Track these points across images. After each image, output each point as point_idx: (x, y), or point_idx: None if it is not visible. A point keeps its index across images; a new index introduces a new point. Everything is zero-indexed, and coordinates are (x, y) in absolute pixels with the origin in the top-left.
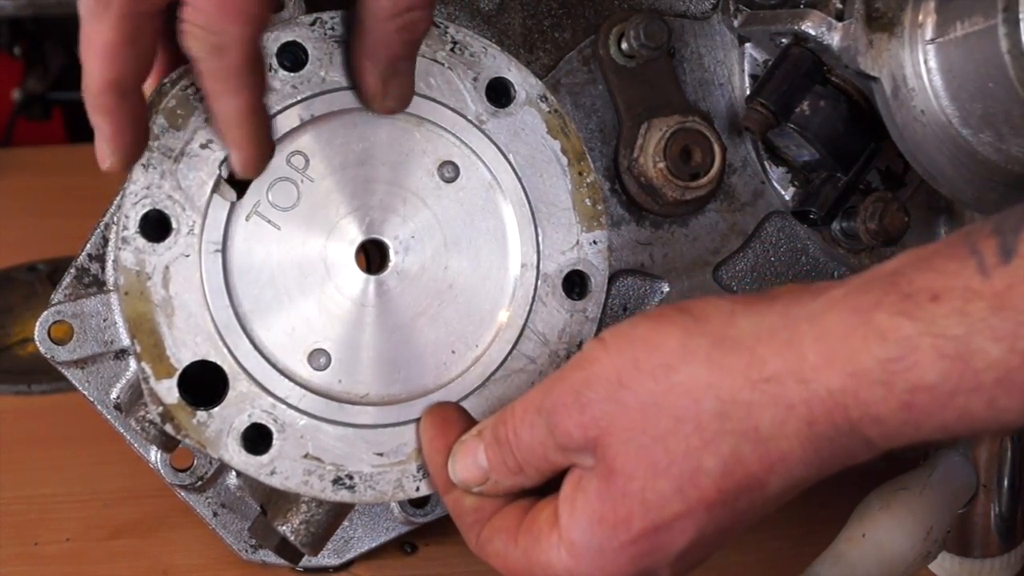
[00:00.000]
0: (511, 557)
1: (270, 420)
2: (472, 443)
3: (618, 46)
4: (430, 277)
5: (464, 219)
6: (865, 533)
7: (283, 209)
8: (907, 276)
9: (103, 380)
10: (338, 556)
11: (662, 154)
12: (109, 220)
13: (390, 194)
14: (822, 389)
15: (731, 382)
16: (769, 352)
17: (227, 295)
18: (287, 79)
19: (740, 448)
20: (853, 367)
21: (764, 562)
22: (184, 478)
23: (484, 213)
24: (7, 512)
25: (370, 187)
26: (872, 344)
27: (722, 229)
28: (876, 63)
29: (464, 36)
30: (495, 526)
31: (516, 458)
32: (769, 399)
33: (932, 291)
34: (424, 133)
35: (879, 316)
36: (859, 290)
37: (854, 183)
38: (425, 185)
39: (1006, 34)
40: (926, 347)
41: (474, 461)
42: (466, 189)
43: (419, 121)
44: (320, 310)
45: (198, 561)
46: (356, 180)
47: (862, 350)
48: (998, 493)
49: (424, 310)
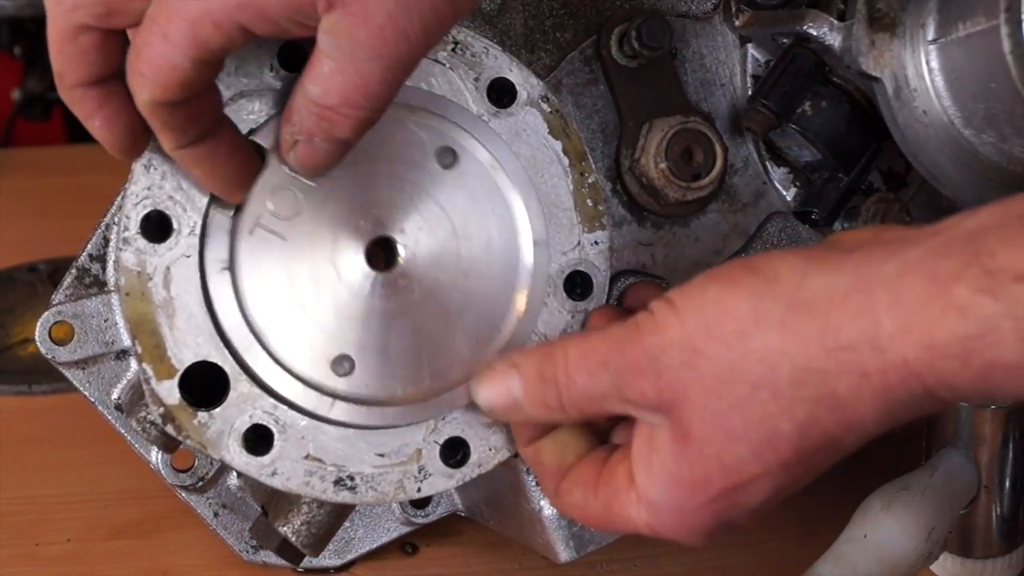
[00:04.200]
0: (591, 508)
1: (271, 421)
2: (506, 373)
3: (620, 46)
4: (442, 267)
5: (469, 204)
6: (867, 533)
7: (286, 219)
8: (989, 247)
9: (104, 381)
10: (339, 557)
11: (664, 154)
12: (110, 220)
13: (391, 188)
14: (898, 358)
15: (806, 349)
16: (844, 318)
17: (240, 313)
18: (288, 79)
19: (816, 413)
20: (931, 340)
21: (765, 562)
22: (185, 479)
23: (489, 195)
24: (7, 512)
25: (370, 184)
26: (951, 319)
27: (723, 230)
28: (878, 63)
29: (465, 36)
30: (574, 479)
31: (562, 399)
32: (844, 367)
33: (1016, 270)
34: (418, 122)
35: (959, 290)
36: (937, 254)
37: (856, 184)
38: (425, 174)
39: (1008, 34)
40: (1007, 329)
41: (506, 390)
42: (467, 174)
43: (411, 110)
44: (337, 315)
45: (199, 562)
46: (355, 179)
47: (940, 324)
48: (999, 494)
49: (441, 301)
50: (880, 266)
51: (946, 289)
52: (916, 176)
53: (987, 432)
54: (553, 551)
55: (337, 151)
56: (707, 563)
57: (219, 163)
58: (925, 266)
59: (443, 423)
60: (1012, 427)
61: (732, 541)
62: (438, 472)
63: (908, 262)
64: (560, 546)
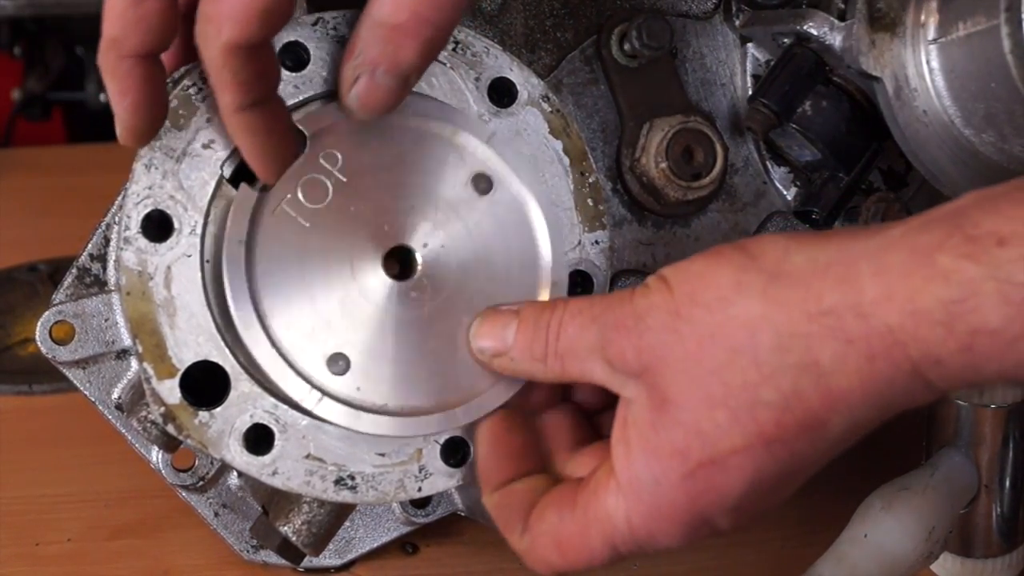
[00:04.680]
0: (565, 525)
1: (272, 420)
2: (505, 316)
3: (620, 46)
4: (457, 289)
5: (496, 233)
6: (867, 533)
7: (313, 206)
8: (972, 218)
9: (104, 380)
10: (339, 556)
11: (664, 154)
12: (110, 220)
13: (422, 201)
14: (881, 325)
15: (788, 315)
16: (826, 286)
17: (248, 289)
18: (289, 79)
19: (800, 383)
20: (913, 306)
21: (765, 562)
22: (185, 478)
23: (517, 230)
24: (8, 512)
25: (402, 193)
26: (934, 284)
27: (724, 229)
28: (878, 63)
29: (466, 36)
30: (548, 501)
31: (547, 347)
32: (828, 332)
33: (999, 235)
34: (459, 143)
35: (942, 258)
36: (920, 229)
37: (856, 183)
38: (458, 196)
39: (1009, 34)
40: (990, 291)
41: (501, 332)
42: (499, 203)
43: (455, 131)
44: (343, 313)
45: (199, 561)
46: (388, 184)
47: (923, 290)
48: (1000, 493)
49: (449, 321)
50: (864, 242)
51: (929, 257)
52: (916, 176)
53: (987, 432)
54: None
55: (399, 87)
56: (707, 563)
57: (270, 135)
58: (908, 240)
59: None
60: (1012, 427)
61: (732, 541)
62: (439, 472)
63: (891, 237)
64: None
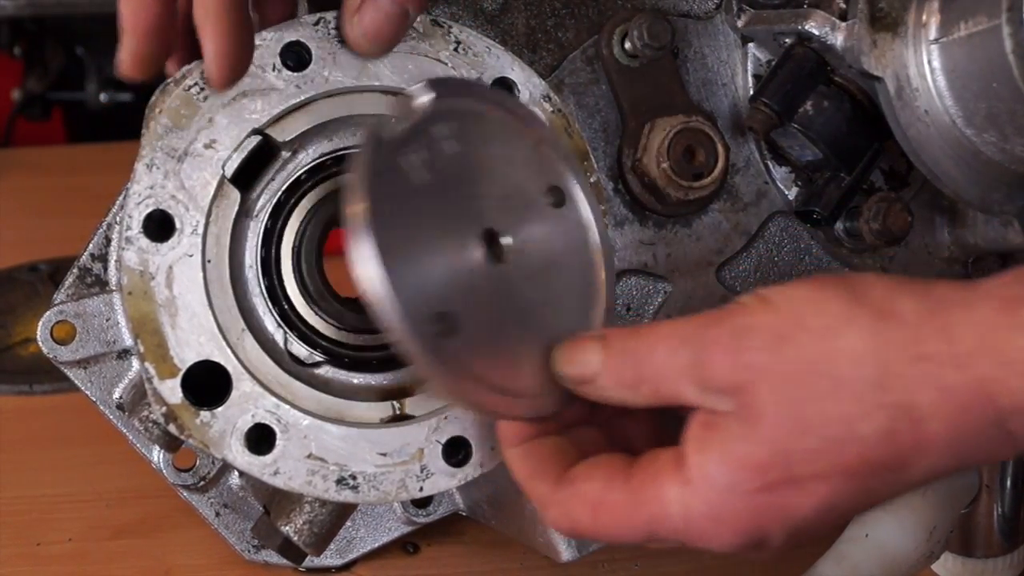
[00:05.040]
0: (611, 493)
1: (273, 420)
2: (591, 344)
3: (621, 46)
4: (525, 290)
5: (561, 249)
6: (868, 533)
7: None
8: None
9: (106, 380)
10: (341, 556)
11: (665, 154)
12: (112, 220)
13: (511, 196)
14: (976, 376)
15: (893, 355)
16: (928, 332)
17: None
18: (291, 79)
19: (896, 422)
20: (1003, 357)
21: (765, 562)
22: (187, 478)
23: (578, 251)
24: (9, 512)
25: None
26: (1020, 336)
27: (725, 229)
28: (880, 63)
29: (467, 36)
30: (597, 463)
31: (639, 374)
32: (928, 378)
33: None
34: (543, 152)
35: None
36: (1007, 283)
37: (857, 183)
38: (535, 202)
39: (1010, 34)
40: None
41: (587, 359)
42: (568, 220)
43: (540, 139)
44: (449, 276)
45: (200, 561)
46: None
47: (1009, 342)
48: (1001, 493)
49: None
50: (960, 293)
51: (1017, 310)
52: (918, 175)
53: None
54: (555, 550)
55: (401, 18)
56: (707, 563)
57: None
58: (999, 291)
59: (445, 422)
60: None
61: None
62: (440, 471)
63: (985, 290)
64: (562, 545)
